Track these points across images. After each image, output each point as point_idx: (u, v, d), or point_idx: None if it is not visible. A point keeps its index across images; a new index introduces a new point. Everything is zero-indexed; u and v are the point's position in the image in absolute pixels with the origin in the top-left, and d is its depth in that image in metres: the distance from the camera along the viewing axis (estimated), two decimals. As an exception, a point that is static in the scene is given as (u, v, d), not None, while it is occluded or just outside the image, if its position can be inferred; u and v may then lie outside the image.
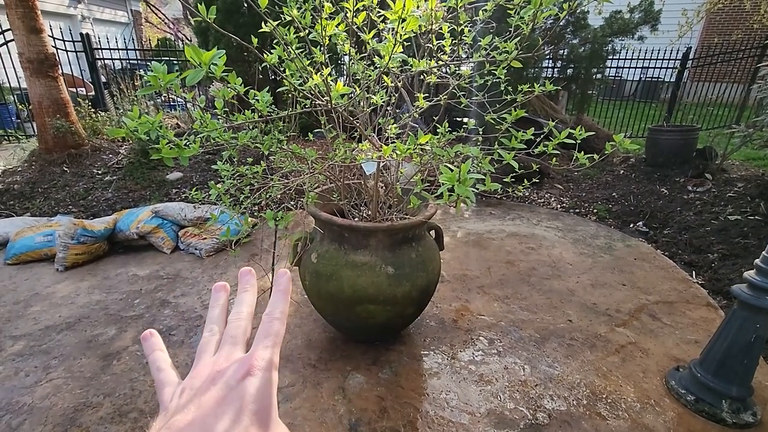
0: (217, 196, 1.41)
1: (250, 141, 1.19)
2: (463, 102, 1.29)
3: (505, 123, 1.14)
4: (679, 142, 4.42)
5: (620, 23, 5.07)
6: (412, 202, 1.35)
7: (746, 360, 1.55)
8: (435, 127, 1.24)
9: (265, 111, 1.04)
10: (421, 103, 1.21)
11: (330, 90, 0.87)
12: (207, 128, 1.06)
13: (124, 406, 1.61)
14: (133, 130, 1.07)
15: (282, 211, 1.34)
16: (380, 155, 0.94)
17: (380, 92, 1.22)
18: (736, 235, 2.96)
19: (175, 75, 0.84)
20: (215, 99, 1.09)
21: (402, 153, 0.85)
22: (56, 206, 3.59)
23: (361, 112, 1.29)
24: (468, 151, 0.98)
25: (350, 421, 1.56)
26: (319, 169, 1.38)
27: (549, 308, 2.33)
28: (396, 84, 1.24)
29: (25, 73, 3.84)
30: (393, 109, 1.38)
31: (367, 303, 1.66)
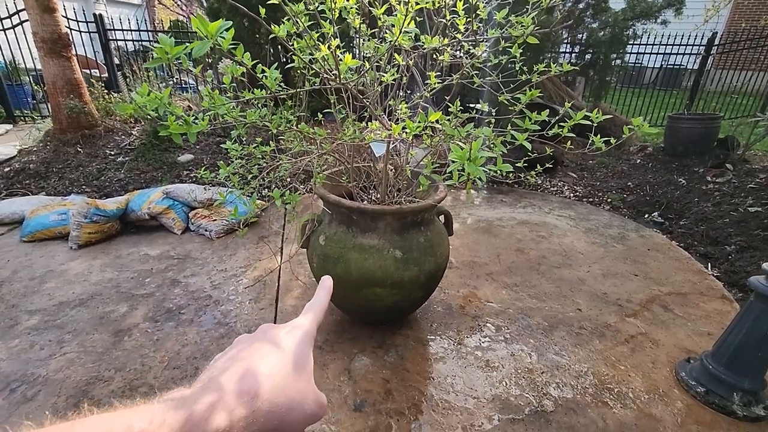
0: (226, 176, 1.40)
1: (258, 119, 1.17)
2: (476, 82, 1.24)
3: (519, 104, 1.10)
4: (700, 130, 4.28)
5: (643, 6, 4.88)
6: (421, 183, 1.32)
7: (761, 353, 1.52)
8: (447, 107, 1.21)
9: (274, 88, 1.01)
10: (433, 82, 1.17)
11: (338, 64, 0.84)
12: (215, 105, 1.04)
13: (134, 381, 1.65)
14: (142, 106, 1.06)
15: (290, 191, 1.33)
16: (389, 134, 0.91)
17: (391, 70, 1.18)
18: (755, 227, 2.87)
19: (183, 48, 0.83)
20: (224, 76, 1.08)
21: (412, 131, 0.82)
22: (70, 186, 3.64)
23: (371, 90, 1.26)
24: (480, 132, 0.95)
25: (355, 402, 1.57)
26: (328, 148, 1.36)
27: (558, 297, 2.31)
28: (407, 62, 1.20)
29: (39, 53, 3.86)
30: (405, 90, 1.34)
31: (374, 286, 1.65)
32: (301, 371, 0.37)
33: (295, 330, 0.41)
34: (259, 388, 0.34)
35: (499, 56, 1.28)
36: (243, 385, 0.33)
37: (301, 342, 0.39)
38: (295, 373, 0.37)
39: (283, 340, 0.39)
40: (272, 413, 0.33)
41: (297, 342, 0.39)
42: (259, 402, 0.33)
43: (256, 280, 2.38)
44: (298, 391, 0.36)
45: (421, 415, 1.53)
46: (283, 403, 0.35)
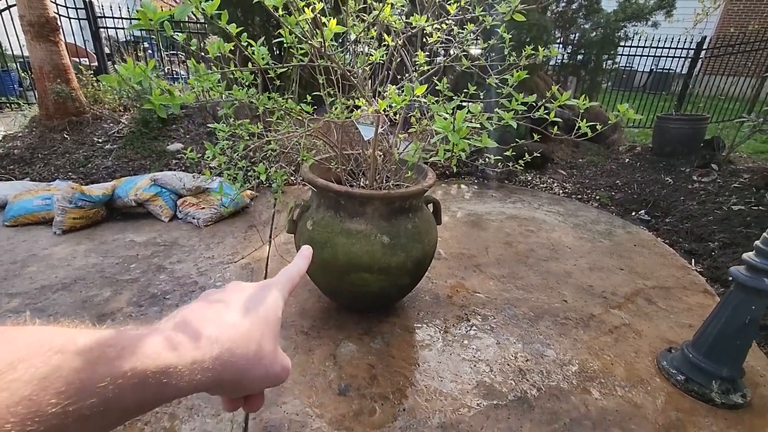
0: (212, 157, 1.38)
1: (246, 97, 1.16)
2: (464, 64, 1.25)
3: (507, 87, 1.11)
4: (687, 131, 4.35)
5: (634, 8, 4.94)
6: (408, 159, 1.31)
7: (739, 341, 1.55)
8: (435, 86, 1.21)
9: (260, 63, 1.01)
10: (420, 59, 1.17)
11: (323, 31, 0.83)
12: (201, 79, 1.03)
13: (116, 363, 1.62)
14: (126, 79, 1.05)
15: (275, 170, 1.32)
16: (376, 111, 0.91)
17: (380, 50, 1.18)
18: (738, 225, 2.93)
19: (166, 12, 0.81)
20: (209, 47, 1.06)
21: (398, 104, 0.82)
22: (56, 172, 3.58)
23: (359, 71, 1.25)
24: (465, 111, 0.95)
25: (340, 386, 1.57)
26: (315, 128, 1.35)
27: (545, 288, 2.33)
28: (396, 43, 1.20)
29: (26, 37, 3.78)
30: (393, 72, 1.34)
31: (361, 271, 1.65)
32: (266, 329, 0.37)
33: (266, 288, 0.40)
34: (219, 335, 0.33)
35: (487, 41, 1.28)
36: (202, 329, 0.32)
37: (271, 301, 0.39)
38: (260, 329, 0.36)
39: (251, 296, 0.38)
40: (231, 364, 0.32)
41: (266, 300, 0.39)
42: (218, 349, 0.32)
43: (243, 267, 2.36)
44: (261, 348, 0.35)
45: (406, 400, 1.54)
46: (243, 355, 0.33)
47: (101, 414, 0.25)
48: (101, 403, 0.25)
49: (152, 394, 0.28)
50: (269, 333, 0.37)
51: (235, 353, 0.33)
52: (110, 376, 0.25)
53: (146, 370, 0.27)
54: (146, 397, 0.27)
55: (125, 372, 0.26)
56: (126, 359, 0.26)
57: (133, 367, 0.26)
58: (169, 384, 0.28)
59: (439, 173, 4.21)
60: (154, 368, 0.27)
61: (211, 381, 0.31)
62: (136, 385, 0.26)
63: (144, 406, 0.28)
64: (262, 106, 1.18)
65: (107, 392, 0.25)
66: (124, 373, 0.26)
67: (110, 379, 0.25)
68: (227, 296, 0.38)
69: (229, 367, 0.32)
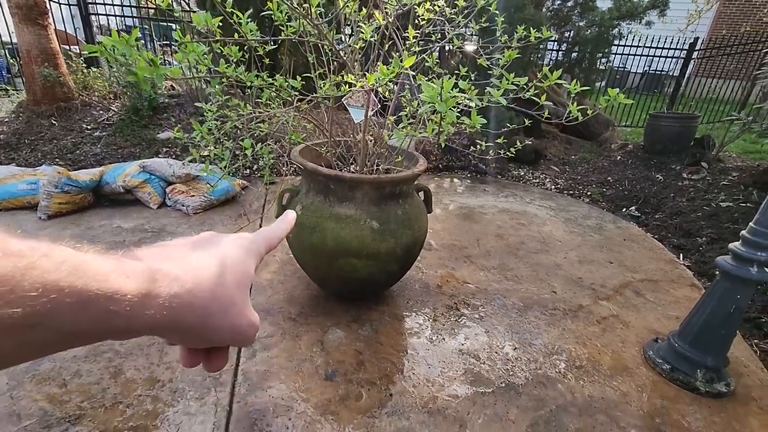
0: (200, 137, 1.36)
1: (233, 73, 1.14)
2: (455, 44, 1.24)
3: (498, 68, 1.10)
4: (678, 129, 4.39)
5: (628, 6, 4.97)
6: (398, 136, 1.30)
7: (724, 331, 1.56)
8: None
9: (249, 36, 0.98)
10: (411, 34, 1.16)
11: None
12: (187, 50, 1.01)
13: (99, 347, 1.60)
14: (110, 49, 1.02)
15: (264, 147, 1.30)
16: (364, 86, 0.90)
17: (369, 27, 1.16)
18: (726, 221, 2.96)
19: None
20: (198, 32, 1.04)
21: (386, 76, 0.81)
22: (43, 158, 3.51)
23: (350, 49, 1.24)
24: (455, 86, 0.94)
25: (327, 372, 1.56)
26: (305, 107, 1.34)
27: (534, 280, 2.33)
28: (388, 21, 1.18)
29: (14, 20, 3.70)
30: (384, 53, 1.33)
31: (349, 256, 1.64)
32: (236, 279, 0.34)
33: (241, 240, 0.38)
34: (182, 274, 0.30)
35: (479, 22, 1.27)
36: (162, 264, 0.30)
37: (244, 253, 0.37)
38: (229, 278, 0.34)
39: (224, 244, 0.37)
40: (191, 306, 0.30)
41: (240, 251, 0.37)
42: (177, 287, 0.29)
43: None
44: (227, 297, 0.33)
45: (393, 385, 1.53)
46: (206, 300, 0.31)
47: (30, 330, 0.23)
48: (29, 317, 0.22)
49: (94, 321, 0.25)
50: (238, 284, 0.35)
51: (197, 296, 0.31)
52: (42, 287, 0.23)
53: (88, 290, 0.24)
54: (87, 323, 0.25)
55: (61, 287, 0.23)
56: (64, 273, 0.24)
57: (71, 284, 0.24)
58: (115, 313, 0.26)
59: (432, 166, 4.20)
60: (97, 290, 0.25)
61: (168, 322, 0.29)
62: (75, 305, 0.24)
63: (84, 333, 0.25)
64: (249, 81, 1.16)
65: (37, 305, 0.22)
66: (59, 288, 0.23)
67: (42, 291, 0.23)
68: (198, 241, 0.36)
69: (188, 310, 0.30)
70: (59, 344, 0.25)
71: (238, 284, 0.35)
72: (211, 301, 0.32)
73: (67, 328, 0.24)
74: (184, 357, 0.36)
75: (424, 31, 1.31)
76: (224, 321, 0.33)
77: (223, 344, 0.36)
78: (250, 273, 0.37)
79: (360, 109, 1.32)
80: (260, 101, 1.49)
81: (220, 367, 0.38)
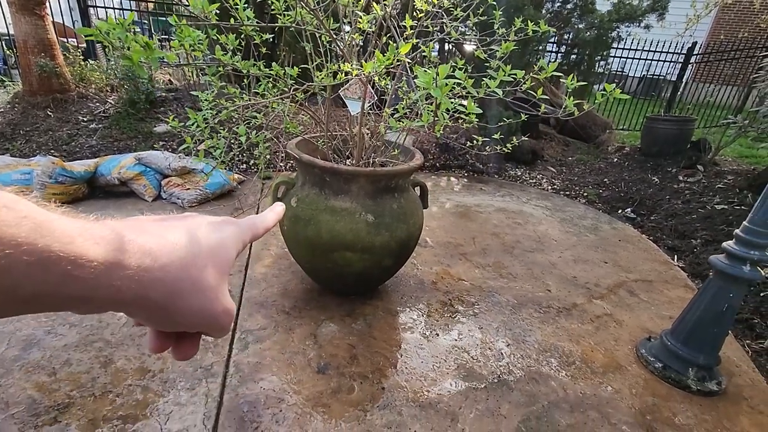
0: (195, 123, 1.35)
1: (230, 61, 1.13)
2: (453, 35, 1.23)
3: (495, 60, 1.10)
4: (675, 132, 4.41)
5: (628, 9, 4.98)
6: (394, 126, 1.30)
7: (716, 329, 1.56)
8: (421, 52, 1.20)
9: (245, 22, 0.98)
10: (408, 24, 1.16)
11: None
12: (183, 35, 1.00)
13: (89, 336, 1.59)
14: (105, 32, 1.01)
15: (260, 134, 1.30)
16: (359, 75, 0.90)
17: (367, 17, 1.16)
18: (720, 223, 2.97)
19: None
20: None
21: (382, 63, 0.80)
22: (37, 149, 3.49)
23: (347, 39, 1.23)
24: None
25: (319, 365, 1.55)
26: (302, 96, 1.33)
27: (529, 278, 2.33)
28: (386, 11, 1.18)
29: (10, 9, 3.67)
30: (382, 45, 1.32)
31: (344, 250, 1.63)
32: (213, 261, 0.33)
33: (225, 224, 0.37)
34: (155, 249, 0.28)
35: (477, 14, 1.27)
36: (136, 236, 0.28)
37: (226, 237, 0.35)
38: (206, 259, 0.32)
39: (206, 226, 0.35)
40: (161, 282, 0.28)
41: (222, 234, 0.35)
42: (149, 260, 0.28)
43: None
44: (202, 278, 0.31)
45: (385, 379, 1.52)
46: (178, 278, 0.29)
47: None
48: None
49: (53, 285, 0.23)
50: (216, 267, 0.33)
51: (169, 272, 0.29)
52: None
53: (50, 250, 0.23)
54: (44, 286, 0.23)
55: (19, 243, 0.21)
56: (25, 229, 0.22)
57: (32, 242, 0.22)
58: (77, 279, 0.24)
59: (429, 165, 4.20)
60: (60, 251, 0.23)
61: (135, 296, 0.27)
62: (34, 265, 0.22)
63: (40, 297, 0.23)
64: (246, 70, 1.15)
65: None
66: (17, 244, 0.21)
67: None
68: (179, 219, 0.35)
69: (158, 286, 0.28)
70: (12, 305, 0.23)
71: (216, 267, 0.33)
72: (184, 280, 0.30)
73: (22, 288, 0.22)
74: (151, 339, 0.34)
75: (423, 24, 1.31)
76: (195, 303, 0.31)
77: (194, 329, 0.33)
78: (230, 258, 0.35)
79: (357, 101, 1.32)
80: (257, 92, 1.48)
81: (190, 355, 0.36)
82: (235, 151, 1.44)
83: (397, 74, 1.43)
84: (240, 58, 1.27)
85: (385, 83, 1.37)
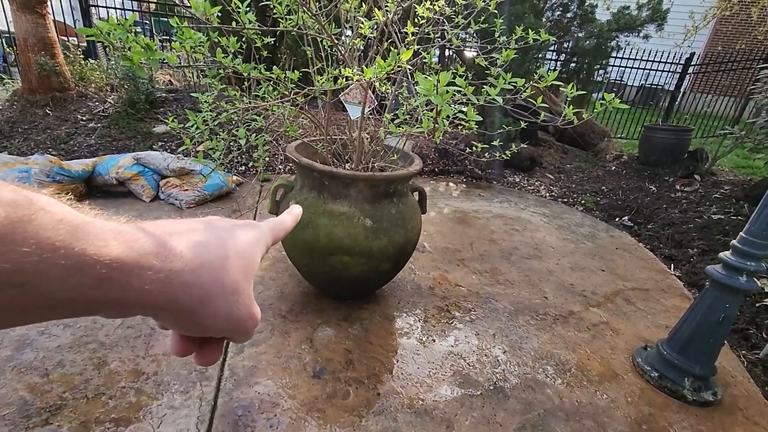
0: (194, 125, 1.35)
1: (231, 64, 1.13)
2: (454, 43, 1.24)
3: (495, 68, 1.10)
4: (673, 141, 4.43)
5: (627, 19, 5.03)
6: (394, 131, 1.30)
7: (712, 339, 1.57)
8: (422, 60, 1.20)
9: (247, 25, 0.98)
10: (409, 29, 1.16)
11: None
12: (184, 37, 1.00)
13: (84, 337, 1.57)
14: (106, 33, 1.01)
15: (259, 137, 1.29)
16: (360, 80, 0.90)
17: (369, 22, 1.16)
18: (717, 233, 2.98)
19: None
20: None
21: (383, 69, 0.81)
22: (35, 148, 3.47)
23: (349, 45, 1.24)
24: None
25: (314, 369, 1.54)
26: (302, 100, 1.33)
27: (526, 284, 2.33)
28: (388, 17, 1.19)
29: (11, 7, 3.67)
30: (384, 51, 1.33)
31: (342, 254, 1.63)
32: (242, 266, 0.32)
33: (249, 228, 0.36)
34: (186, 252, 0.28)
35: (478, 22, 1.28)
36: (168, 239, 0.28)
37: (252, 240, 0.35)
38: (235, 263, 0.32)
39: (233, 229, 0.34)
40: (191, 287, 0.28)
41: (248, 238, 0.35)
42: (180, 264, 0.28)
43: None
44: (231, 282, 0.31)
45: (381, 385, 1.52)
46: (207, 282, 0.29)
47: (16, 289, 0.21)
48: (17, 274, 0.21)
49: (86, 287, 0.23)
50: (243, 271, 0.32)
51: (200, 276, 0.29)
52: (36, 244, 0.21)
53: (85, 253, 0.23)
54: (77, 289, 0.23)
55: (56, 246, 0.22)
56: (62, 232, 0.22)
57: (68, 245, 0.22)
58: (111, 281, 0.24)
59: (428, 170, 4.21)
60: (96, 255, 0.23)
61: (164, 300, 0.27)
62: (69, 269, 0.22)
63: (72, 300, 0.23)
64: (247, 72, 1.15)
65: (27, 262, 0.21)
66: (54, 246, 0.22)
67: (36, 248, 0.21)
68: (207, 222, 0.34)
69: (189, 291, 0.28)
70: (43, 310, 0.23)
71: (243, 271, 0.33)
72: (214, 283, 0.30)
73: (56, 292, 0.22)
74: (175, 343, 0.34)
75: (424, 30, 1.31)
76: (223, 307, 0.31)
77: (219, 334, 0.33)
78: (256, 262, 0.35)
79: (357, 105, 1.32)
80: (257, 95, 1.48)
81: (214, 360, 0.35)
82: (234, 154, 1.43)
83: (398, 80, 1.43)
84: (241, 60, 1.27)
85: (385, 89, 1.37)
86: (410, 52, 0.77)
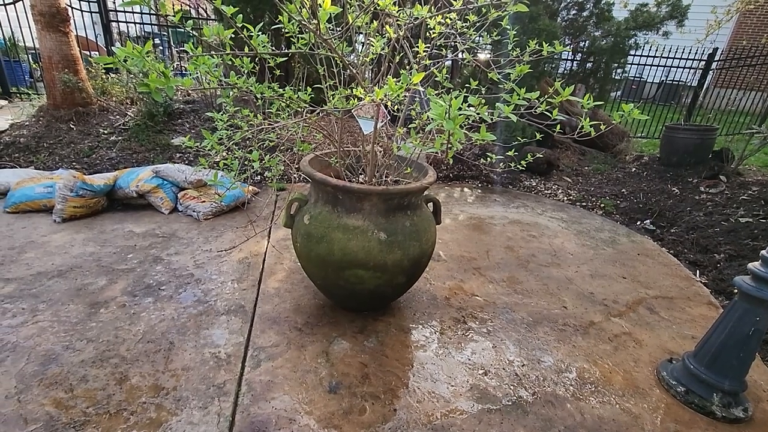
0: (210, 145, 1.37)
1: (244, 84, 1.14)
2: (466, 58, 1.23)
3: (509, 83, 1.08)
4: (696, 141, 4.29)
5: (645, 17, 4.90)
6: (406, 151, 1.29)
7: (742, 353, 1.50)
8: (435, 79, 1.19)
9: (259, 49, 0.99)
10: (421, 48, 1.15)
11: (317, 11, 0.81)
12: (198, 62, 1.02)
13: (106, 352, 1.61)
14: (123, 60, 1.03)
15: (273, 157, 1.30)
16: (373, 99, 0.89)
17: (381, 39, 1.16)
18: (745, 237, 2.87)
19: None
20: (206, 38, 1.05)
21: (394, 92, 0.80)
22: (60, 162, 3.59)
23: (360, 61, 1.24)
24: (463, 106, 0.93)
25: (330, 384, 1.54)
26: (315, 118, 1.34)
27: (545, 294, 2.29)
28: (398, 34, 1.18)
29: (36, 27, 3.81)
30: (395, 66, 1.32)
31: (356, 268, 1.62)
32: None
33: None
34: None
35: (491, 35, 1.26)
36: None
37: None
38: None
39: None
40: None
41: None
42: None
43: (240, 261, 2.34)
44: None
45: (397, 400, 1.50)
46: None
47: None
48: None
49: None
50: None
51: None
52: None
53: None
54: None
55: None
56: None
57: None
58: None
59: (443, 176, 4.18)
60: None
61: None
62: None
63: None
64: (259, 92, 1.16)
65: None
66: None
67: None
68: None
69: None
70: None
71: None
72: None
73: None
74: None
75: (436, 44, 1.30)
76: None
77: None
78: None
79: (369, 120, 1.32)
80: (271, 111, 1.50)
81: None
82: (249, 173, 1.45)
83: (410, 94, 1.43)
84: (254, 80, 1.29)
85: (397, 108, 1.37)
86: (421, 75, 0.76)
